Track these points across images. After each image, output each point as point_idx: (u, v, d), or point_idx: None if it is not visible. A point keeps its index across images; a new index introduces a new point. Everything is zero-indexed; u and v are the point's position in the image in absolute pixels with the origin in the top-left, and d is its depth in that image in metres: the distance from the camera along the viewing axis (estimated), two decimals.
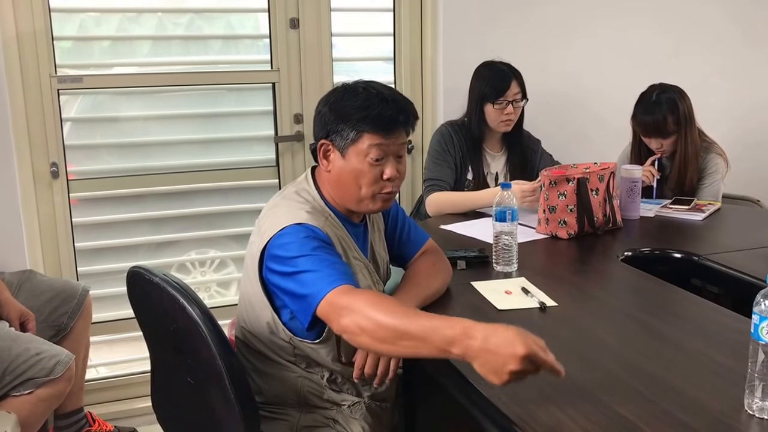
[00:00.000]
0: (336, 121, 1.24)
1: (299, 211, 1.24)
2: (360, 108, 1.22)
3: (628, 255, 1.72)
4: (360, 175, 1.24)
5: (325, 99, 1.29)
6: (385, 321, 1.04)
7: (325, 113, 1.26)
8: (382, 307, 1.06)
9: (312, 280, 1.13)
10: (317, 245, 1.18)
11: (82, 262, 2.25)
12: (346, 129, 1.23)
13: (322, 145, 1.27)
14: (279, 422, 1.31)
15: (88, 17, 2.23)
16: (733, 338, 1.22)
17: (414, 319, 1.03)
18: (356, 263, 1.30)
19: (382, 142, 1.23)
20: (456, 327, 0.99)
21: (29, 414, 1.62)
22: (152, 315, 1.31)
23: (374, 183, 1.25)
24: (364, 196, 1.26)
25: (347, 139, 1.23)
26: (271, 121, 2.40)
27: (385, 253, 1.44)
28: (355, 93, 1.24)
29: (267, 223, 1.24)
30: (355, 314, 1.06)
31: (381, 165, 1.24)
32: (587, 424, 0.97)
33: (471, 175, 2.18)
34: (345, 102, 1.24)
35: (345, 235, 1.30)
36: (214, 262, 2.46)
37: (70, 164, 2.21)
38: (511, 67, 2.13)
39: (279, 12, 2.32)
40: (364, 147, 1.23)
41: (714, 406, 1.01)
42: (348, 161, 1.24)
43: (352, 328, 1.07)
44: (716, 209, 2.09)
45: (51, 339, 1.82)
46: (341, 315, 1.08)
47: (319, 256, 1.16)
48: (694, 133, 2.18)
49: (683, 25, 2.74)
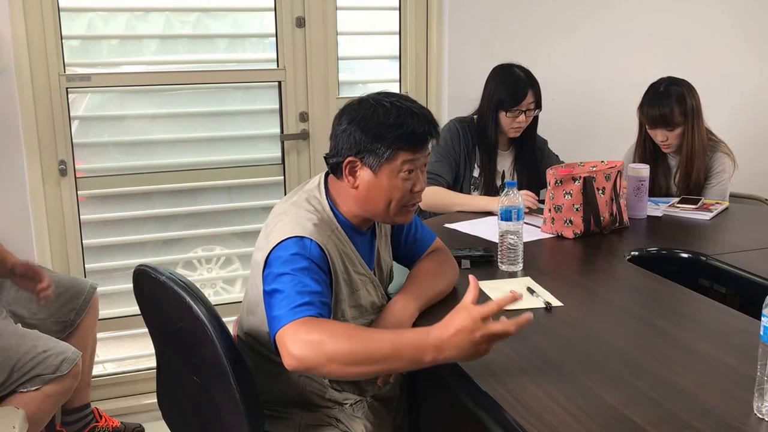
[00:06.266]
0: (370, 140, 1.21)
1: (306, 222, 1.22)
2: (394, 126, 1.20)
3: (634, 255, 1.71)
4: (392, 191, 1.24)
5: (350, 116, 1.24)
6: (350, 348, 1.05)
7: (354, 132, 1.22)
8: (343, 336, 1.06)
9: (279, 303, 1.13)
10: (304, 266, 1.16)
11: (89, 259, 2.27)
12: (381, 147, 1.21)
13: (349, 162, 1.24)
14: (282, 421, 1.31)
15: (97, 16, 2.24)
16: (741, 340, 1.21)
17: (378, 342, 1.06)
18: (361, 279, 1.29)
19: (413, 157, 1.23)
20: (418, 338, 1.05)
21: (36, 410, 1.63)
22: (158, 313, 1.32)
23: (404, 197, 1.25)
24: (393, 211, 1.26)
25: (382, 157, 1.21)
26: (276, 119, 2.41)
27: (389, 258, 1.43)
28: (385, 109, 1.22)
29: (275, 230, 1.23)
30: (320, 345, 1.05)
31: (412, 179, 1.25)
32: (592, 425, 0.97)
33: (478, 172, 2.18)
34: (376, 119, 1.21)
35: (350, 251, 1.28)
36: (220, 259, 2.47)
37: (79, 162, 2.22)
38: (529, 74, 2.11)
39: (285, 11, 2.32)
40: (398, 164, 1.22)
41: (722, 410, 1.00)
42: (380, 178, 1.23)
43: (314, 360, 1.06)
44: (724, 209, 2.07)
45: (58, 335, 1.84)
46: (296, 344, 1.06)
47: (297, 278, 1.14)
48: (701, 127, 2.16)
49: (691, 23, 2.72)
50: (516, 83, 2.09)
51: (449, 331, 1.02)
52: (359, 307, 1.29)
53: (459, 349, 1.02)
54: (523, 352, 1.17)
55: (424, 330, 1.06)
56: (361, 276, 1.29)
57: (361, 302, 1.29)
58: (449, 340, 1.02)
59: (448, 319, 1.04)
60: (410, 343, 1.05)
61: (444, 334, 1.03)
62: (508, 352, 1.18)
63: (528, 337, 1.23)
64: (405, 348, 1.05)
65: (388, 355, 1.05)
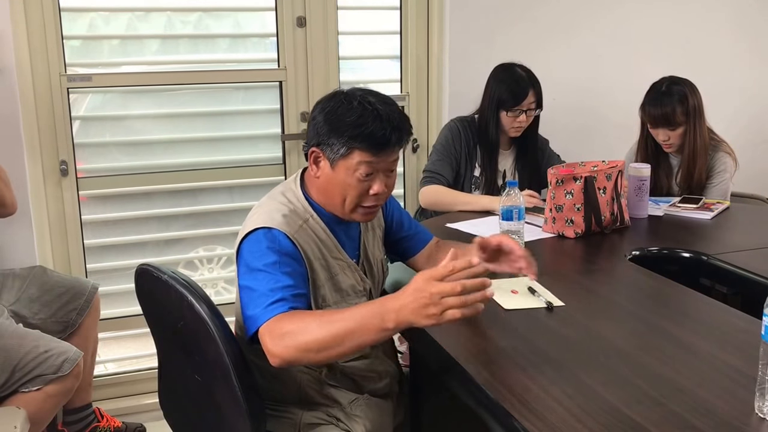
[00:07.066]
0: (328, 133, 1.22)
1: (276, 213, 1.24)
2: (352, 125, 1.20)
3: (635, 254, 1.71)
4: (347, 188, 1.24)
5: (321, 106, 1.26)
6: (320, 335, 1.07)
7: (319, 122, 1.24)
8: (311, 324, 1.09)
9: (253, 302, 1.15)
10: (274, 260, 1.18)
11: (91, 259, 2.27)
12: (336, 143, 1.22)
13: (312, 152, 1.26)
14: (282, 420, 1.31)
15: (98, 16, 2.25)
16: (742, 339, 1.21)
17: (342, 320, 1.07)
18: (339, 263, 1.31)
19: (372, 159, 1.22)
20: (377, 306, 1.06)
21: (38, 410, 1.64)
22: (160, 312, 1.32)
23: (359, 197, 1.26)
24: (348, 208, 1.27)
25: (337, 153, 1.22)
26: (277, 119, 2.41)
27: (380, 253, 1.44)
28: (350, 106, 1.22)
29: (247, 223, 1.26)
30: (293, 338, 1.09)
31: (369, 180, 1.24)
32: (594, 424, 0.97)
33: (479, 171, 2.18)
34: (339, 115, 1.22)
35: (327, 237, 1.29)
36: (221, 259, 2.47)
37: (80, 162, 2.23)
38: (531, 74, 2.12)
39: (286, 11, 2.32)
40: (354, 163, 1.22)
41: (723, 409, 1.00)
42: (336, 173, 1.24)
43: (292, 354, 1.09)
44: (725, 208, 2.07)
45: (59, 335, 1.84)
46: (274, 342, 1.10)
47: (270, 275, 1.16)
48: (703, 126, 2.16)
49: (692, 24, 2.72)
50: (517, 83, 2.09)
51: (405, 292, 1.04)
52: (340, 291, 1.31)
53: (413, 311, 1.03)
54: (525, 352, 1.17)
55: (383, 297, 1.08)
56: (339, 261, 1.31)
57: (341, 286, 1.31)
58: (404, 301, 1.04)
59: (406, 285, 1.06)
60: (371, 313, 1.06)
61: (400, 297, 1.05)
62: (509, 351, 1.18)
63: (529, 336, 1.23)
64: (367, 319, 1.06)
65: (353, 329, 1.06)
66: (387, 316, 1.05)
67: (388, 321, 1.05)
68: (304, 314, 1.14)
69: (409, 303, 1.03)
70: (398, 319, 1.04)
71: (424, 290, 1.02)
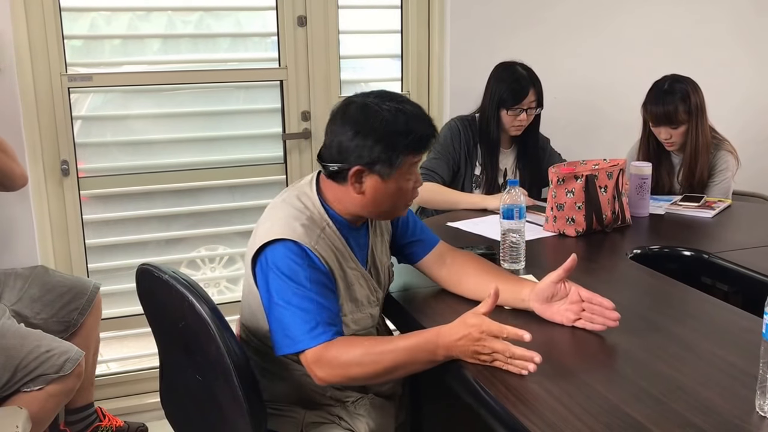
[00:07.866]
0: (385, 150, 1.20)
1: (294, 222, 1.22)
2: (404, 133, 1.21)
3: (637, 253, 1.71)
4: (402, 194, 1.27)
5: (356, 124, 1.21)
6: (371, 369, 1.14)
7: (364, 142, 1.20)
8: (362, 356, 1.14)
9: (294, 324, 1.16)
10: (306, 276, 1.18)
11: (92, 259, 2.28)
12: (393, 156, 1.22)
13: (356, 172, 1.22)
14: (284, 419, 1.31)
15: (99, 16, 2.25)
16: (744, 338, 1.21)
17: (392, 352, 1.14)
18: (353, 273, 1.30)
19: (418, 158, 1.27)
20: (427, 341, 1.14)
21: (40, 409, 1.64)
22: (161, 312, 1.32)
23: (410, 196, 1.29)
24: (398, 208, 1.30)
25: (393, 166, 1.22)
26: (278, 118, 2.41)
27: (387, 258, 1.43)
28: (392, 116, 1.21)
29: (262, 228, 1.24)
30: (344, 370, 1.15)
31: (414, 177, 1.28)
32: (595, 423, 0.97)
33: (479, 170, 2.18)
34: (386, 128, 1.20)
35: (342, 246, 1.28)
36: (222, 259, 2.48)
37: (81, 162, 2.23)
38: (531, 73, 2.12)
39: (287, 10, 2.32)
40: (407, 168, 1.25)
41: (724, 407, 1.00)
42: (388, 184, 1.24)
43: (340, 381, 1.18)
44: (726, 206, 2.07)
45: (61, 335, 1.84)
46: (323, 369, 1.15)
47: (306, 293, 1.17)
48: (705, 125, 2.16)
49: (693, 22, 2.71)
50: (517, 82, 2.09)
51: (457, 334, 1.12)
52: (355, 301, 1.30)
53: (463, 353, 1.12)
54: None
55: (434, 332, 1.14)
56: (353, 270, 1.30)
57: (356, 296, 1.30)
58: (455, 343, 1.12)
59: (459, 322, 1.13)
60: (423, 348, 1.13)
61: (452, 336, 1.12)
62: None
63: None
64: (419, 353, 1.14)
65: (405, 362, 1.14)
66: (438, 351, 1.13)
67: (439, 356, 1.13)
68: (351, 342, 1.17)
69: (461, 345, 1.11)
70: (448, 354, 1.13)
71: (478, 339, 1.10)
